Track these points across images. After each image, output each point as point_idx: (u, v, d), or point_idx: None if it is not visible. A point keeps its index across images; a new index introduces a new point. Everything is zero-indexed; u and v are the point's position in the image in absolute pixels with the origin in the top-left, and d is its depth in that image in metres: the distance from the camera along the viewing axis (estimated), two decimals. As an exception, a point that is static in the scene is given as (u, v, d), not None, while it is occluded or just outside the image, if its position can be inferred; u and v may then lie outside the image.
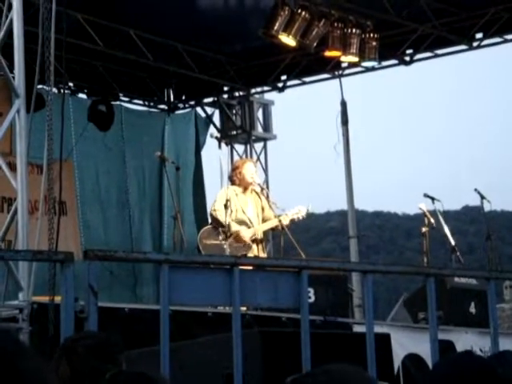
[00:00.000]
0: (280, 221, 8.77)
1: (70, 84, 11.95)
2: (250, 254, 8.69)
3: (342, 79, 12.33)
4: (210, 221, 9.11)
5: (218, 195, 8.98)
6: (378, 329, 5.84)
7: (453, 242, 9.37)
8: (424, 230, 9.30)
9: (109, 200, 12.07)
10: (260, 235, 8.92)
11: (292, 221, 8.89)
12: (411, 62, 12.04)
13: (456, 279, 9.04)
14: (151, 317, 5.49)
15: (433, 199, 9.42)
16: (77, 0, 9.99)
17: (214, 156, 13.04)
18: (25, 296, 5.72)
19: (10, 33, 5.91)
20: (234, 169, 9.10)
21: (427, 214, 9.31)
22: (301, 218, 8.92)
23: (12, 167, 5.97)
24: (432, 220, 9.30)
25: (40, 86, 6.44)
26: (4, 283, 5.71)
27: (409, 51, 11.89)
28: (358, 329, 7.40)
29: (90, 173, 11.87)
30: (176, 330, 4.96)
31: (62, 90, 8.19)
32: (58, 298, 5.27)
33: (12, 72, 5.96)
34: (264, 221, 8.95)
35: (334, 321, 7.53)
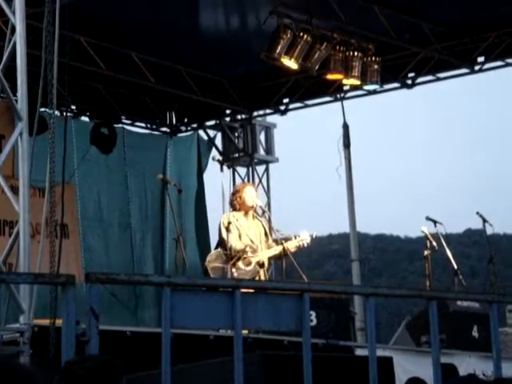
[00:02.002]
0: (284, 247, 8.75)
1: (73, 107, 11.99)
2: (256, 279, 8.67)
3: (344, 102, 12.37)
4: (214, 245, 9.09)
5: (220, 220, 8.94)
6: (380, 352, 5.81)
7: (455, 266, 9.35)
8: (426, 253, 9.28)
9: (110, 222, 12.07)
10: (264, 260, 8.89)
11: (297, 248, 8.87)
12: (413, 85, 12.07)
13: (458, 303, 9.02)
14: (153, 340, 5.47)
15: (435, 222, 9.41)
16: (80, 23, 10.03)
17: (216, 179, 13.05)
18: (26, 319, 5.71)
19: (13, 56, 5.93)
20: (235, 193, 9.09)
21: (429, 237, 9.30)
22: (305, 245, 8.91)
23: (14, 190, 5.97)
24: (434, 243, 9.28)
25: (43, 109, 6.46)
26: (5, 306, 5.69)
27: (411, 74, 11.93)
28: (360, 352, 7.37)
29: (92, 195, 11.88)
30: (177, 353, 4.94)
31: (64, 113, 8.21)
32: (59, 321, 5.26)
33: (15, 95, 5.97)
34: (267, 248, 8.93)
35: (336, 344, 7.50)
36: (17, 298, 5.71)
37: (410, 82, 12.05)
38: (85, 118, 12.24)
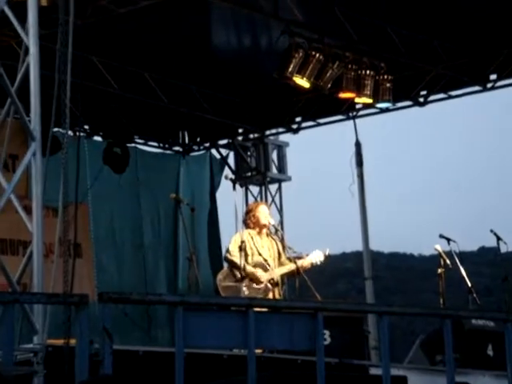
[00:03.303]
0: (297, 265, 8.74)
1: (86, 127, 12.04)
2: (269, 297, 8.65)
3: (357, 120, 12.38)
4: (225, 265, 9.09)
5: (232, 238, 8.96)
6: (394, 371, 5.78)
7: (469, 284, 9.30)
8: (440, 271, 9.24)
9: (123, 242, 12.08)
10: (277, 278, 8.88)
11: (311, 265, 8.86)
12: (425, 103, 12.07)
13: (473, 321, 8.96)
14: (166, 359, 5.46)
15: (448, 240, 9.37)
16: (93, 44, 10.09)
17: (229, 197, 13.05)
18: (39, 339, 5.71)
19: (26, 76, 5.97)
20: (248, 212, 9.10)
21: (443, 255, 9.26)
22: (319, 262, 8.90)
23: (28, 210, 5.99)
24: (448, 261, 9.24)
25: (56, 129, 6.48)
26: (19, 326, 5.69)
27: (423, 92, 11.93)
28: (374, 371, 7.33)
29: (105, 215, 11.90)
30: (191, 373, 4.93)
31: (77, 133, 8.25)
32: (73, 341, 5.26)
33: (28, 115, 6.00)
34: (280, 266, 8.92)
35: (349, 363, 7.46)
36: (31, 318, 5.71)
37: (422, 99, 12.05)
38: (98, 138, 12.28)
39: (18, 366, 5.39)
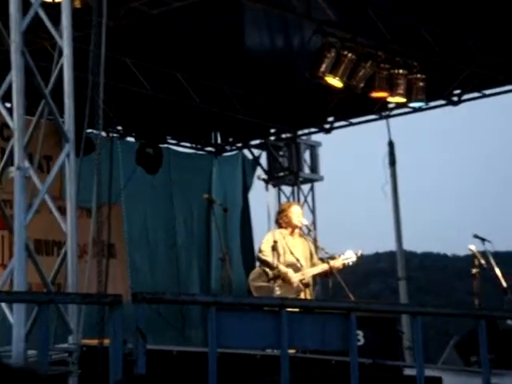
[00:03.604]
0: (330, 266, 8.73)
1: (119, 128, 12.10)
2: (301, 297, 8.64)
3: (389, 120, 12.32)
4: (257, 264, 9.10)
5: (264, 238, 8.97)
6: (429, 372, 5.75)
7: (504, 284, 9.22)
8: (474, 271, 9.18)
9: (156, 242, 12.13)
10: (308, 279, 8.88)
11: (343, 266, 8.85)
12: (459, 102, 11.99)
13: (508, 321, 8.89)
14: (199, 359, 5.47)
15: (483, 240, 9.31)
16: (125, 45, 10.14)
17: (262, 198, 13.06)
18: (74, 339, 5.74)
19: (60, 78, 6.01)
20: (280, 212, 9.10)
21: (477, 255, 9.20)
22: (351, 263, 8.89)
23: (62, 211, 6.03)
24: (482, 261, 9.18)
25: (89, 130, 6.52)
26: (54, 326, 5.73)
27: (456, 91, 11.85)
28: (408, 372, 7.29)
29: (138, 215, 11.95)
30: (224, 373, 4.94)
31: (110, 134, 8.29)
32: (107, 341, 5.29)
33: (62, 117, 6.04)
34: (312, 266, 8.91)
35: (383, 364, 7.44)
36: (65, 318, 5.75)
37: (455, 98, 11.97)
38: (131, 139, 12.34)
39: (53, 366, 5.43)
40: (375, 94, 10.77)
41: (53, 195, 6.17)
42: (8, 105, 6.06)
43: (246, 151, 13.25)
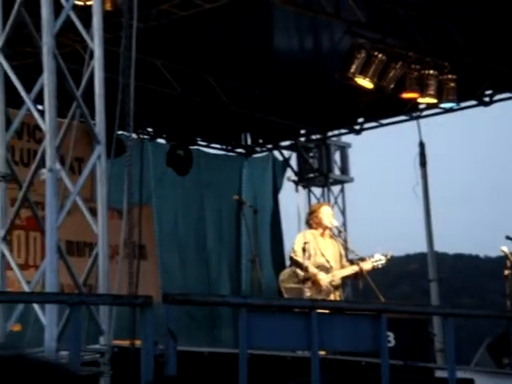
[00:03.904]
0: (359, 267, 8.71)
1: (149, 129, 12.16)
2: (329, 299, 8.63)
3: (420, 120, 12.26)
4: (288, 263, 9.10)
5: (296, 238, 8.97)
6: (460, 374, 5.71)
7: (536, 285, 9.14)
8: (506, 272, 9.11)
9: (187, 243, 12.16)
10: (338, 281, 8.86)
11: (372, 268, 8.82)
12: (491, 102, 11.90)
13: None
14: (230, 360, 5.48)
15: (515, 241, 9.23)
16: (156, 47, 10.18)
17: (292, 199, 13.05)
18: (106, 340, 5.77)
19: (91, 80, 6.05)
20: (311, 213, 9.09)
21: (509, 256, 9.12)
22: (380, 266, 8.86)
23: (93, 212, 6.06)
24: (515, 262, 9.10)
25: (120, 132, 6.55)
26: (85, 327, 5.77)
27: (488, 92, 11.77)
28: (440, 374, 7.25)
29: (169, 217, 11.99)
30: (254, 374, 4.94)
31: (141, 136, 8.34)
32: (138, 342, 5.31)
33: (93, 119, 6.08)
34: (342, 268, 8.90)
35: (414, 365, 7.40)
36: (97, 319, 5.78)
37: (487, 99, 11.88)
38: (161, 140, 12.39)
39: (85, 367, 5.46)
40: (406, 95, 10.72)
41: (84, 197, 6.21)
42: (40, 107, 6.11)
43: (276, 152, 13.25)
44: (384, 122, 12.71)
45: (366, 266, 8.78)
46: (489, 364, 9.04)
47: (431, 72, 10.54)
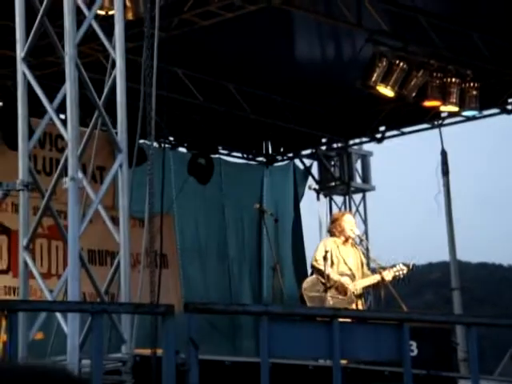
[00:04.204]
0: (381, 276, 8.67)
1: (171, 138, 12.18)
2: (351, 308, 8.59)
3: (442, 129, 12.21)
4: (310, 271, 9.08)
5: (318, 246, 8.95)
6: (484, 384, 5.66)
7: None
8: (530, 281, 9.04)
9: (208, 252, 12.16)
10: (360, 290, 8.82)
11: (394, 278, 8.77)
12: (513, 110, 11.84)
13: None
14: (252, 369, 5.46)
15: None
16: (177, 56, 10.20)
17: (313, 207, 13.03)
18: (127, 349, 5.77)
19: (113, 89, 6.07)
20: (333, 221, 9.07)
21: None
22: (402, 275, 8.80)
23: (115, 221, 6.07)
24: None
25: (142, 141, 6.57)
26: (107, 335, 5.77)
27: (510, 100, 11.70)
28: (463, 384, 7.20)
29: (190, 225, 12.00)
30: (276, 383, 4.92)
31: (162, 145, 8.35)
32: (160, 351, 5.30)
33: (115, 127, 6.09)
34: (363, 277, 8.86)
35: (438, 375, 7.35)
36: (118, 328, 5.79)
37: (510, 107, 11.82)
38: (182, 149, 12.42)
39: (107, 375, 5.46)
40: (428, 103, 10.69)
41: (106, 205, 6.23)
42: (62, 116, 6.14)
43: (297, 161, 13.24)
44: (405, 130, 12.67)
45: (388, 275, 8.73)
46: (513, 374, 8.96)
47: (453, 80, 10.50)
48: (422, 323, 7.20)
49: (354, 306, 8.69)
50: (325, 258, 8.63)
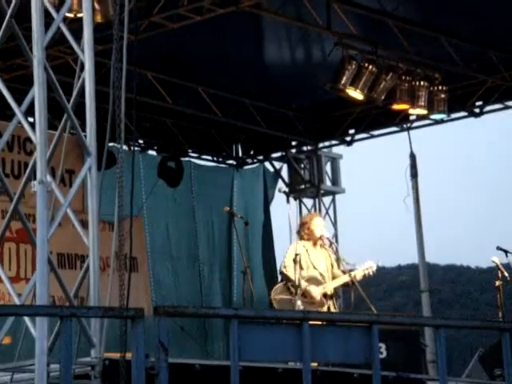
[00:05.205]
0: (351, 276, 8.70)
1: (140, 141, 12.15)
2: (322, 311, 8.61)
3: (411, 132, 12.28)
4: (280, 278, 9.08)
5: (287, 252, 8.95)
6: (452, 385, 5.70)
7: (528, 296, 9.15)
8: (498, 283, 9.12)
9: (179, 255, 12.14)
10: (331, 291, 8.85)
11: (364, 276, 8.82)
12: (481, 113, 11.94)
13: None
14: (222, 373, 5.46)
15: (506, 252, 9.24)
16: (146, 59, 10.18)
17: (283, 210, 13.05)
18: (97, 353, 5.74)
19: (82, 92, 6.04)
20: (302, 224, 9.08)
21: (500, 267, 9.14)
22: (371, 273, 8.85)
23: (84, 224, 6.04)
24: (506, 273, 9.12)
25: (111, 144, 6.53)
26: (76, 340, 5.74)
27: (478, 103, 11.80)
28: (431, 385, 7.25)
29: (160, 228, 11.97)
30: (246, 387, 4.91)
31: (132, 148, 8.34)
32: (129, 355, 5.29)
33: (84, 131, 6.07)
34: (333, 278, 8.89)
35: (407, 377, 7.39)
36: (87, 332, 5.76)
37: (477, 110, 11.92)
38: (152, 152, 12.39)
39: (76, 380, 5.43)
40: (396, 106, 10.75)
41: (75, 209, 6.19)
42: (31, 119, 6.10)
43: (267, 164, 13.26)
44: (375, 133, 12.74)
45: (358, 274, 8.78)
46: (481, 375, 9.03)
47: (422, 83, 10.57)
48: (391, 325, 7.24)
49: (325, 309, 8.71)
50: (295, 262, 8.64)
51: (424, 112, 10.86)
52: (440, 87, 10.71)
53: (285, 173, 13.27)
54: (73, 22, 7.10)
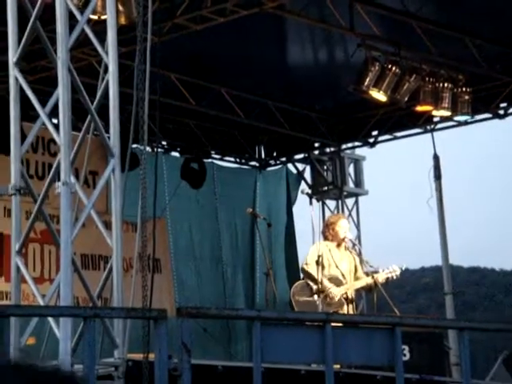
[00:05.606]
0: (373, 278, 8.68)
1: (164, 143, 12.18)
2: (341, 312, 8.60)
3: (435, 133, 12.23)
4: (301, 276, 9.08)
5: (310, 250, 8.96)
6: (476, 388, 5.67)
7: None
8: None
9: (202, 256, 12.16)
10: (351, 294, 8.83)
11: (386, 280, 8.79)
12: (505, 115, 11.86)
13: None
14: (244, 374, 5.46)
15: (531, 254, 9.19)
16: (170, 60, 10.21)
17: (306, 212, 13.04)
18: (120, 353, 5.76)
19: (105, 94, 6.07)
20: (328, 225, 9.08)
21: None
22: (394, 277, 8.83)
23: (108, 225, 6.07)
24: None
25: (134, 146, 6.56)
26: (100, 340, 5.76)
27: (503, 104, 11.73)
28: (455, 388, 7.21)
29: (184, 230, 12.00)
30: (269, 388, 4.91)
31: (155, 149, 8.35)
32: (152, 356, 5.30)
33: (107, 132, 6.09)
34: (356, 280, 8.88)
35: (430, 379, 7.36)
36: (111, 333, 5.78)
37: (502, 112, 11.85)
38: (175, 154, 12.42)
39: (99, 380, 5.45)
40: (420, 108, 10.71)
41: (99, 210, 6.22)
42: (55, 121, 6.13)
43: (290, 165, 13.25)
44: (398, 134, 12.69)
45: (380, 277, 8.76)
46: (505, 378, 8.99)
47: (445, 85, 10.53)
48: (414, 327, 7.22)
49: (344, 310, 8.69)
50: (317, 263, 8.64)
51: (448, 113, 10.81)
52: (464, 88, 10.66)
53: (308, 174, 13.26)
54: (97, 24, 7.13)
